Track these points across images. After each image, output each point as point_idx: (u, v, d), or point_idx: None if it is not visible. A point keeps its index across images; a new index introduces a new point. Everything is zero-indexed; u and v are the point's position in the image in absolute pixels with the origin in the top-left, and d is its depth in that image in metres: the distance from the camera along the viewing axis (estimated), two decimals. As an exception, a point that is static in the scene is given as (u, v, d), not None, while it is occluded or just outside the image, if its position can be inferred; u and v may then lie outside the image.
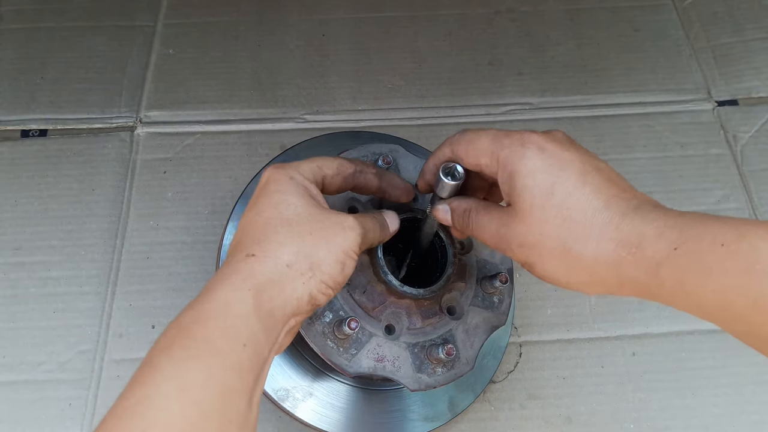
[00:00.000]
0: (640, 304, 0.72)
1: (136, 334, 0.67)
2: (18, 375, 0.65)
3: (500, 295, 0.55)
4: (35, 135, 0.79)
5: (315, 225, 0.42)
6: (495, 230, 0.43)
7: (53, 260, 0.71)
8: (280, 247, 0.41)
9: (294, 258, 0.41)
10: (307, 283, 0.41)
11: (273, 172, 0.45)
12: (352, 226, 0.44)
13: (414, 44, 0.88)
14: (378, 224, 0.48)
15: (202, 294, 0.39)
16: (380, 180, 0.51)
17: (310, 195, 0.44)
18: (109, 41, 0.86)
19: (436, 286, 0.52)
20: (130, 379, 0.36)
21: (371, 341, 0.50)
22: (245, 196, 0.65)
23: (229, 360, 0.36)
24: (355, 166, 0.49)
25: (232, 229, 0.63)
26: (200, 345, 0.36)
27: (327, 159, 0.48)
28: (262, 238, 0.41)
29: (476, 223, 0.45)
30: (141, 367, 0.36)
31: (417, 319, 0.52)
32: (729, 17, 0.92)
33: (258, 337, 0.38)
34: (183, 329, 0.37)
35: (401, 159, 0.56)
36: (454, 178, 0.45)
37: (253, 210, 0.43)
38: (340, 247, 0.43)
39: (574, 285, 0.40)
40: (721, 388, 0.68)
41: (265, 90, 0.83)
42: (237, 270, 0.40)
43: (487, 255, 0.57)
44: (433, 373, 0.51)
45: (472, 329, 0.53)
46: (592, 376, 0.69)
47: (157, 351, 0.36)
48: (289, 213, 0.42)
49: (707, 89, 0.86)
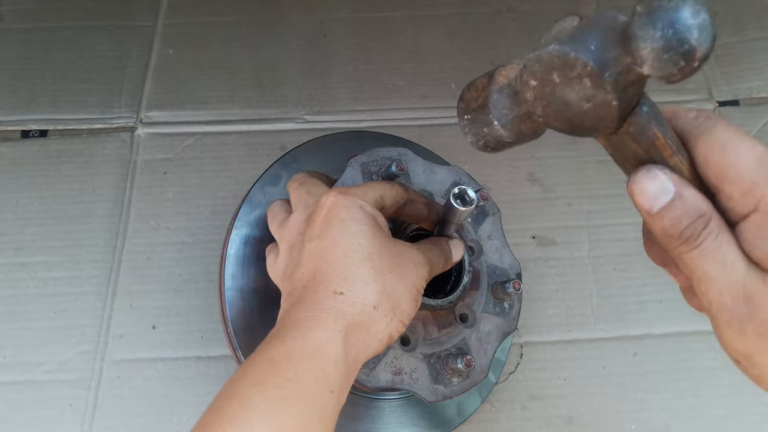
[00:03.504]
0: (641, 305, 0.71)
1: (136, 334, 0.67)
2: (18, 375, 0.65)
3: (511, 301, 0.55)
4: (35, 135, 0.79)
5: (393, 261, 0.42)
6: (740, 282, 0.28)
7: (54, 260, 0.71)
8: (365, 286, 0.40)
9: (379, 299, 0.40)
10: (389, 325, 0.41)
11: (341, 198, 0.43)
12: (423, 262, 0.44)
13: (415, 44, 0.88)
14: (443, 257, 0.47)
15: (289, 326, 0.38)
16: (429, 211, 0.49)
17: (378, 225, 0.43)
18: (109, 41, 0.85)
19: (453, 296, 0.51)
20: (213, 402, 0.35)
21: (388, 354, 0.49)
22: (248, 200, 0.64)
23: (316, 406, 0.36)
24: (407, 195, 0.48)
25: (236, 238, 0.61)
26: (292, 386, 0.35)
27: (387, 187, 0.47)
28: (347, 274, 0.40)
29: (712, 250, 0.28)
30: (228, 397, 0.35)
31: (433, 329, 0.51)
32: (730, 17, 0.91)
33: (342, 384, 0.38)
34: (275, 365, 0.36)
35: (410, 163, 0.55)
36: (464, 203, 0.43)
37: (325, 238, 0.42)
38: (413, 284, 0.42)
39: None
40: (723, 389, 0.68)
41: (266, 90, 0.83)
42: (328, 308, 0.39)
43: (496, 260, 0.56)
44: (450, 384, 0.51)
45: (485, 336, 0.53)
46: (593, 377, 0.69)
47: (248, 384, 0.35)
48: (367, 246, 0.41)
49: (708, 89, 0.86)
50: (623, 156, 0.31)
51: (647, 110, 0.29)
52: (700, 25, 0.23)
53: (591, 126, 0.30)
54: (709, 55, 0.24)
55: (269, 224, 0.51)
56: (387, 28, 0.89)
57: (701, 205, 0.28)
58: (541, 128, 0.33)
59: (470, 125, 0.35)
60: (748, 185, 0.28)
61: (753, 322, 0.27)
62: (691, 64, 0.24)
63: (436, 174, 0.56)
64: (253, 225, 0.61)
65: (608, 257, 0.74)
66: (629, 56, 0.25)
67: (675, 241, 0.29)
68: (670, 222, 0.29)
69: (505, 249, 0.57)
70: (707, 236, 0.28)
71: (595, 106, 0.28)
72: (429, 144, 0.76)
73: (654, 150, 0.29)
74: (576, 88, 0.28)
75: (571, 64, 0.27)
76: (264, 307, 0.59)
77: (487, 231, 0.57)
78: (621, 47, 0.25)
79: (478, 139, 0.35)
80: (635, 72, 0.26)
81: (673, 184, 0.29)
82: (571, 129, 0.31)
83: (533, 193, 0.78)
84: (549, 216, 0.76)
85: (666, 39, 0.23)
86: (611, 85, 0.26)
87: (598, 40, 0.26)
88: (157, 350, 0.67)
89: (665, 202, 0.29)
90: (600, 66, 0.26)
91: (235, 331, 0.58)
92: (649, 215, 0.29)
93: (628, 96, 0.27)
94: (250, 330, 0.58)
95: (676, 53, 0.23)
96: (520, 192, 0.77)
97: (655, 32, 0.23)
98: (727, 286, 0.28)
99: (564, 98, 0.29)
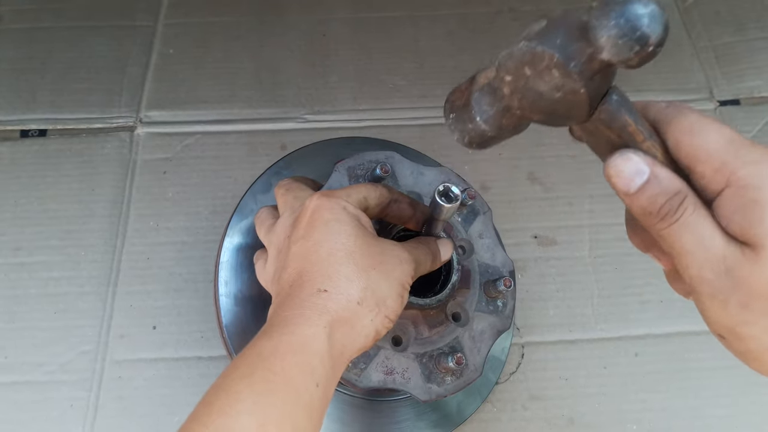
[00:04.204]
0: (643, 305, 0.71)
1: (137, 334, 0.67)
2: (19, 376, 0.65)
3: (504, 299, 0.55)
4: (35, 135, 0.79)
5: (376, 258, 0.42)
6: (720, 255, 0.29)
7: (54, 261, 0.71)
8: (349, 282, 0.41)
9: (363, 294, 0.41)
10: (374, 320, 0.41)
11: (324, 200, 0.44)
12: (407, 259, 0.44)
13: (415, 44, 0.88)
14: (431, 255, 0.48)
15: (276, 323, 0.39)
16: (414, 210, 0.50)
17: (361, 224, 0.44)
18: (109, 41, 0.85)
19: (442, 294, 0.51)
20: (203, 396, 0.35)
21: (379, 354, 0.49)
22: (240, 208, 0.64)
23: (303, 399, 0.36)
24: (391, 196, 0.49)
25: (229, 246, 0.61)
26: (279, 380, 0.36)
27: (370, 188, 0.47)
28: (330, 272, 0.41)
29: (690, 223, 0.30)
30: (217, 390, 0.36)
31: (423, 329, 0.52)
32: (731, 17, 0.91)
33: (328, 377, 0.38)
34: (262, 360, 0.37)
35: (397, 165, 0.55)
36: (449, 200, 0.43)
37: (309, 239, 0.42)
38: (398, 281, 0.43)
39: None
40: (724, 389, 0.68)
41: (266, 90, 0.83)
42: (312, 305, 0.40)
43: (488, 258, 0.56)
44: (443, 382, 0.50)
45: (478, 335, 0.53)
46: (594, 377, 0.68)
47: (237, 378, 0.36)
48: (350, 245, 0.42)
49: (709, 89, 0.86)
50: (599, 143, 0.33)
51: (617, 99, 0.31)
52: (650, 14, 0.26)
53: (565, 114, 0.32)
54: (664, 42, 0.26)
55: (257, 230, 0.51)
56: (387, 28, 0.89)
57: (676, 183, 0.30)
58: (522, 123, 0.35)
59: (455, 123, 0.37)
60: (718, 164, 0.29)
61: (736, 293, 0.29)
62: (646, 49, 0.27)
63: (425, 176, 0.56)
64: (245, 233, 0.62)
65: (609, 257, 0.74)
66: (590, 46, 0.28)
67: (653, 219, 0.30)
68: (648, 201, 0.30)
69: (497, 247, 0.57)
70: (684, 211, 0.30)
71: (566, 95, 0.30)
72: (429, 143, 0.76)
73: (627, 136, 0.32)
74: (546, 79, 0.30)
75: (540, 57, 0.30)
76: (257, 311, 0.59)
77: (477, 230, 0.57)
78: (582, 39, 0.28)
79: (464, 136, 0.37)
80: (598, 60, 0.28)
81: (647, 164, 0.30)
82: (547, 119, 0.33)
83: (534, 193, 0.77)
84: (550, 216, 0.76)
85: (619, 27, 0.26)
86: (577, 74, 0.29)
87: (563, 35, 0.29)
88: (158, 350, 0.67)
89: (641, 182, 0.30)
90: (565, 57, 0.29)
91: (230, 335, 0.59)
92: (627, 196, 0.31)
93: (595, 84, 0.30)
94: (244, 334, 0.59)
95: (630, 39, 0.26)
96: (520, 192, 0.77)
97: (609, 21, 0.26)
98: (707, 260, 0.29)
99: (536, 89, 0.31)
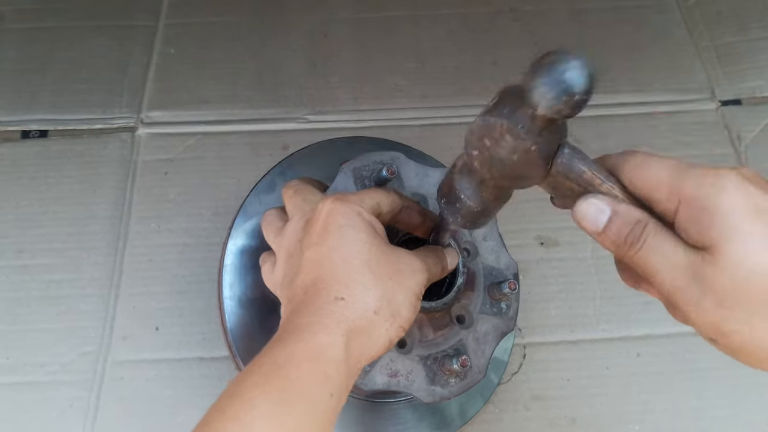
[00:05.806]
0: (645, 305, 0.71)
1: (140, 336, 0.67)
2: (21, 376, 0.65)
3: (508, 301, 0.55)
4: (36, 136, 0.78)
5: (392, 267, 0.42)
6: (685, 264, 0.32)
7: (55, 263, 0.71)
8: (366, 291, 0.40)
9: (379, 304, 0.40)
10: (389, 330, 0.41)
11: (338, 205, 0.43)
12: (421, 268, 0.44)
13: (416, 44, 0.88)
14: (440, 264, 0.48)
15: (291, 330, 0.39)
16: (424, 218, 0.50)
17: (375, 231, 0.44)
18: (110, 41, 0.85)
19: (447, 297, 0.51)
20: (215, 402, 0.35)
21: (384, 357, 0.49)
22: (244, 209, 0.63)
23: (317, 409, 0.36)
24: (403, 203, 0.48)
25: (233, 248, 0.61)
26: (294, 388, 0.36)
27: (383, 194, 0.47)
28: (347, 279, 0.41)
29: (653, 244, 0.33)
30: (231, 397, 0.35)
31: (428, 331, 0.51)
32: (733, 16, 0.91)
33: (342, 387, 0.38)
34: (278, 368, 0.37)
35: (402, 166, 0.55)
36: None
37: (323, 245, 0.42)
38: (413, 290, 0.43)
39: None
40: (727, 390, 0.68)
41: (267, 90, 0.83)
42: (330, 313, 0.39)
43: (492, 261, 0.56)
44: (447, 384, 0.50)
45: (482, 337, 0.53)
46: (596, 378, 0.68)
47: (251, 384, 0.36)
48: (365, 252, 0.42)
49: (711, 89, 0.86)
50: (563, 195, 0.37)
51: (568, 151, 0.35)
52: (571, 68, 0.29)
53: (526, 174, 0.35)
54: (590, 91, 0.29)
55: (264, 233, 0.50)
56: (388, 28, 0.89)
57: (635, 213, 0.34)
58: (500, 192, 0.39)
59: (447, 207, 0.41)
60: (669, 187, 0.33)
61: (707, 295, 0.31)
62: (572, 98, 0.29)
63: (430, 177, 0.55)
64: (249, 235, 0.61)
65: (611, 258, 0.72)
66: (530, 107, 0.31)
67: (623, 248, 0.34)
68: (614, 234, 0.34)
69: (501, 250, 0.57)
70: (647, 236, 0.34)
71: (521, 155, 0.34)
72: (431, 143, 0.76)
73: (585, 183, 0.35)
74: (503, 145, 0.34)
75: (493, 127, 0.33)
76: (262, 314, 0.59)
77: (482, 232, 0.57)
78: (523, 103, 0.31)
79: (456, 217, 0.41)
80: (538, 117, 0.31)
81: (607, 204, 0.34)
82: (513, 183, 0.37)
83: (536, 194, 0.76)
84: (552, 217, 0.76)
85: (546, 85, 0.29)
86: (525, 134, 0.32)
87: (509, 104, 0.33)
88: (161, 351, 0.67)
89: (605, 220, 0.34)
90: (512, 122, 0.32)
91: (234, 338, 0.58)
92: (598, 234, 0.35)
93: (545, 140, 0.33)
94: (248, 337, 0.58)
95: (557, 93, 0.29)
96: (522, 193, 0.76)
97: (538, 82, 0.29)
98: (676, 271, 0.33)
99: (498, 156, 0.35)
